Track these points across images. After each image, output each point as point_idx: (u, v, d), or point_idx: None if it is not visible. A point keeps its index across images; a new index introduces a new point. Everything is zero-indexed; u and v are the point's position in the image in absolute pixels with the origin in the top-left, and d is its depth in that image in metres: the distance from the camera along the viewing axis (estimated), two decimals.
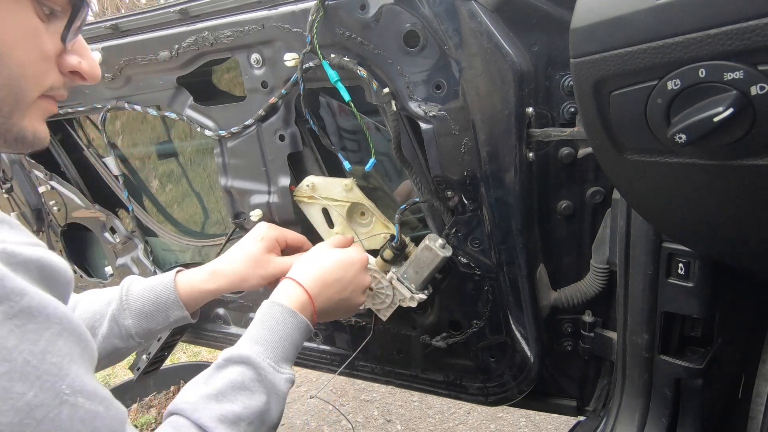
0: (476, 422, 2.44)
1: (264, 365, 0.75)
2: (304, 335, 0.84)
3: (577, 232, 0.92)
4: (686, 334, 0.82)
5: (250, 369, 0.74)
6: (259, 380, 0.73)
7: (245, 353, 0.75)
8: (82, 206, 1.44)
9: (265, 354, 0.76)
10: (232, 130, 1.05)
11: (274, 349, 0.78)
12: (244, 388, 0.72)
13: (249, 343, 0.78)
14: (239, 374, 0.73)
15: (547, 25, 0.79)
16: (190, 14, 0.99)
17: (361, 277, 0.93)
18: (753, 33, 0.43)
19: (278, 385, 0.75)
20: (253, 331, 0.80)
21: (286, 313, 0.82)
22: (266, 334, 0.79)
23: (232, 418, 0.68)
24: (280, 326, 0.81)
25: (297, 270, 0.89)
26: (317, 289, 0.86)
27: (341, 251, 0.93)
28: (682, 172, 0.54)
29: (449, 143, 0.86)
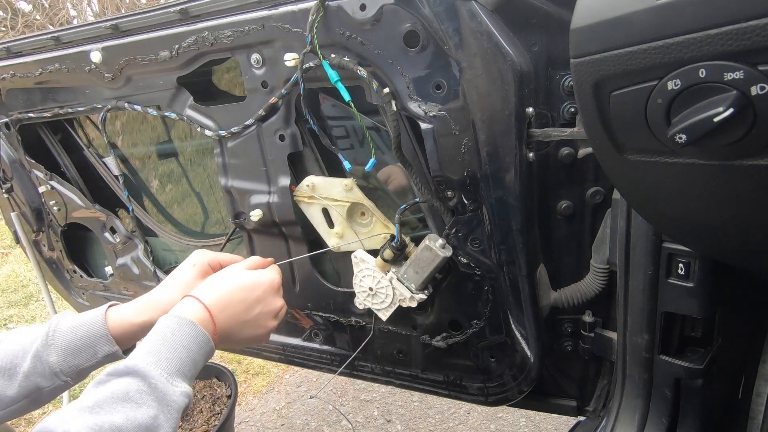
0: (476, 422, 2.44)
1: (154, 374, 0.68)
2: (203, 350, 0.77)
3: (577, 232, 0.92)
4: (686, 334, 0.82)
5: (137, 379, 0.67)
6: (147, 391, 0.67)
7: (132, 363, 0.68)
8: (82, 206, 1.44)
9: (156, 364, 0.69)
10: (232, 130, 1.05)
11: (167, 360, 0.71)
12: (127, 400, 0.65)
13: (138, 354, 0.71)
14: (123, 385, 0.66)
15: (547, 25, 0.79)
16: (190, 14, 0.99)
17: (269, 300, 0.88)
18: (753, 33, 0.43)
19: (171, 396, 0.68)
20: (145, 342, 0.73)
21: (183, 323, 0.76)
22: (159, 345, 0.72)
23: (108, 429, 0.61)
24: (176, 336, 0.74)
25: (200, 288, 0.84)
26: (219, 307, 0.81)
27: (250, 273, 0.89)
28: (682, 172, 0.54)
29: (449, 143, 0.86)
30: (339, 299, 1.15)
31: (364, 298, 1.04)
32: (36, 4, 7.91)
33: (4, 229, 4.93)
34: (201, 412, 2.14)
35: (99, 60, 1.11)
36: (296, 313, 1.23)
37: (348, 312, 1.15)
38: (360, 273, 1.03)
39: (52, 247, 1.62)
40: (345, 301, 1.14)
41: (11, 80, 1.27)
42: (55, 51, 1.18)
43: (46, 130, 1.46)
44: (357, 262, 1.03)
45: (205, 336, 0.78)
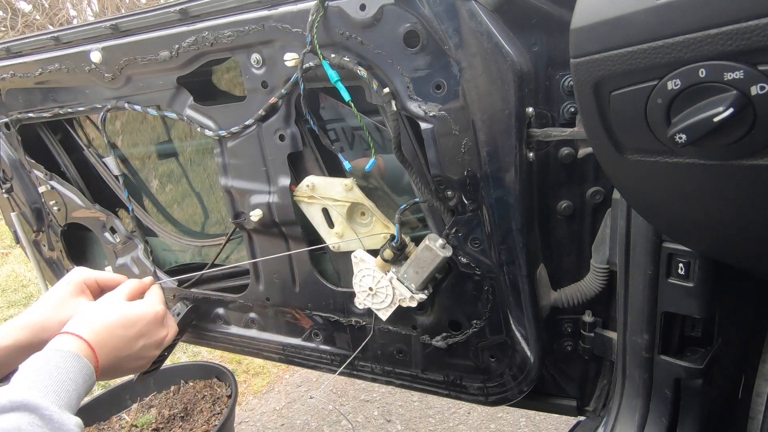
0: (476, 422, 2.44)
1: (47, 406, 0.63)
2: (87, 383, 0.74)
3: (577, 232, 0.92)
4: (686, 334, 0.82)
5: (28, 414, 0.62)
6: (41, 425, 0.62)
7: (17, 397, 0.62)
8: (82, 206, 1.44)
9: (44, 397, 0.65)
10: (232, 130, 1.05)
11: (56, 394, 0.66)
12: None
13: (20, 388, 0.65)
14: (13, 422, 0.60)
15: (547, 25, 0.79)
16: (190, 14, 0.99)
17: (153, 333, 0.85)
18: (753, 33, 0.43)
19: (68, 426, 0.64)
20: (24, 377, 0.67)
21: (67, 356, 0.72)
22: (44, 379, 0.67)
23: None
24: (61, 370, 0.69)
25: (78, 322, 0.79)
26: (99, 342, 0.77)
27: (131, 306, 0.85)
28: (682, 172, 0.54)
29: (449, 143, 0.86)
30: (339, 299, 1.15)
31: (364, 297, 1.04)
32: (36, 4, 7.91)
33: (4, 229, 4.93)
34: (201, 412, 2.14)
35: (99, 60, 1.11)
36: (296, 313, 1.23)
37: (348, 312, 1.15)
38: (360, 273, 1.03)
39: (52, 247, 1.62)
40: (345, 301, 1.14)
41: (11, 80, 1.27)
42: (55, 51, 1.18)
43: (46, 130, 1.46)
44: (357, 261, 1.03)
45: (90, 369, 0.75)
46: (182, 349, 3.27)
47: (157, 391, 2.35)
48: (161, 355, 1.30)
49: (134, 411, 2.34)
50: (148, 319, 0.85)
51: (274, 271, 1.19)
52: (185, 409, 2.19)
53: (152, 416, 2.23)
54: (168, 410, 2.20)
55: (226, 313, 1.35)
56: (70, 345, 0.76)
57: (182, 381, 2.35)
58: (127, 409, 2.31)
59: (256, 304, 1.28)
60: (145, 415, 2.25)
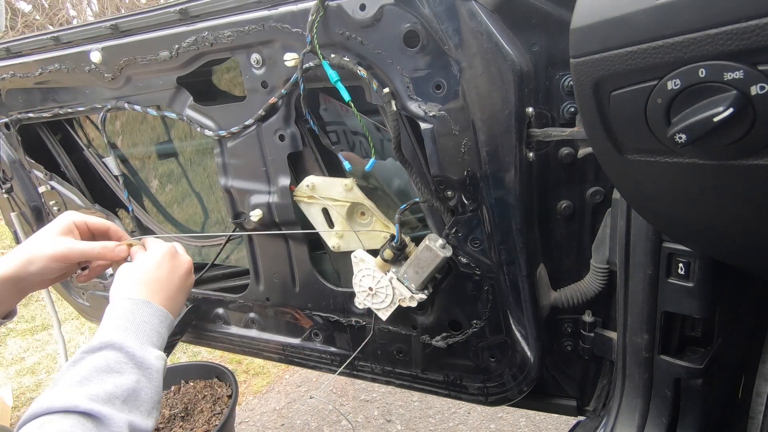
0: (476, 422, 2.44)
1: (129, 344, 0.74)
2: (164, 323, 0.84)
3: (577, 232, 0.92)
4: (686, 334, 0.82)
5: (114, 351, 0.73)
6: (125, 360, 0.73)
7: (105, 339, 0.74)
8: (82, 206, 1.44)
9: (126, 337, 0.76)
10: (232, 130, 1.05)
11: (135, 333, 0.78)
12: (110, 371, 0.71)
13: (106, 331, 0.76)
14: (102, 359, 0.72)
15: (547, 25, 0.79)
16: (190, 14, 0.99)
17: (179, 264, 0.94)
18: (753, 33, 0.43)
19: (148, 360, 0.75)
20: (107, 323, 0.79)
21: (137, 303, 0.82)
22: (123, 323, 0.79)
23: (105, 397, 0.67)
24: (135, 315, 0.81)
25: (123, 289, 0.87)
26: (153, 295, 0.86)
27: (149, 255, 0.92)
28: (682, 172, 0.54)
29: (449, 143, 0.86)
30: (339, 299, 1.15)
31: (364, 297, 1.04)
32: (36, 4, 7.91)
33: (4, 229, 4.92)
34: (202, 412, 2.14)
35: (99, 60, 1.11)
36: (296, 313, 1.23)
37: (348, 312, 1.15)
38: (360, 273, 1.03)
39: None
40: (345, 301, 1.14)
41: (11, 80, 1.27)
42: (55, 51, 1.18)
43: (46, 130, 1.46)
44: (357, 261, 1.02)
45: (161, 310, 0.84)
46: (182, 349, 3.27)
47: None
48: None
49: None
50: (167, 256, 0.94)
51: (274, 271, 1.19)
52: (186, 409, 2.19)
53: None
54: (168, 410, 2.20)
55: (226, 313, 1.35)
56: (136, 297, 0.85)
57: (182, 381, 2.35)
58: None
59: (256, 304, 1.28)
60: None
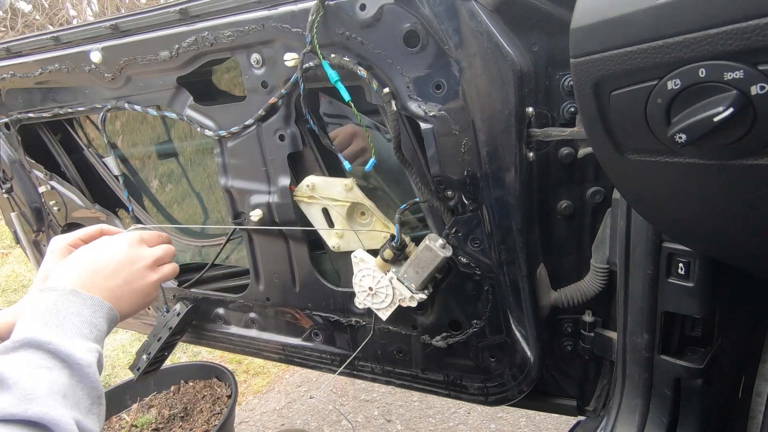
0: (476, 422, 2.44)
1: (48, 338, 0.64)
2: (99, 313, 0.74)
3: (577, 231, 0.92)
4: (686, 333, 0.82)
5: (33, 350, 0.63)
6: (49, 358, 0.63)
7: (19, 337, 0.64)
8: (82, 206, 1.44)
9: (47, 331, 0.66)
10: (232, 130, 1.05)
11: (59, 327, 0.67)
12: (39, 367, 0.62)
13: (23, 327, 0.66)
14: (23, 358, 0.62)
15: (547, 25, 0.79)
16: (190, 14, 0.99)
17: (133, 255, 0.83)
18: (753, 33, 0.43)
19: (76, 354, 0.65)
20: (22, 320, 0.68)
21: (62, 293, 0.72)
22: (43, 316, 0.68)
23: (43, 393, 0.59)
24: (60, 306, 0.70)
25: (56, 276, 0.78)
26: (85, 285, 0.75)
27: (95, 243, 0.85)
28: (682, 172, 0.54)
29: (449, 143, 0.86)
30: (339, 299, 1.15)
31: (364, 297, 1.04)
32: (36, 4, 7.91)
33: (4, 229, 4.93)
34: (201, 412, 2.15)
35: (99, 60, 1.11)
36: (296, 313, 1.23)
37: (348, 312, 1.15)
38: (360, 273, 1.03)
39: None
40: (345, 301, 1.14)
41: (11, 80, 1.27)
42: (55, 51, 1.18)
43: (46, 130, 1.46)
44: (357, 261, 1.02)
45: (95, 299, 0.74)
46: (182, 349, 3.27)
47: (157, 391, 2.35)
48: (161, 355, 1.31)
49: (134, 411, 2.34)
50: (125, 243, 0.84)
51: (274, 271, 1.19)
52: (185, 409, 2.19)
53: (152, 416, 2.23)
54: (168, 410, 2.20)
55: (226, 313, 1.35)
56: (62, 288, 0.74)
57: (182, 381, 2.35)
58: (127, 409, 2.31)
59: (256, 304, 1.28)
60: (145, 415, 2.25)
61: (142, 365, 1.27)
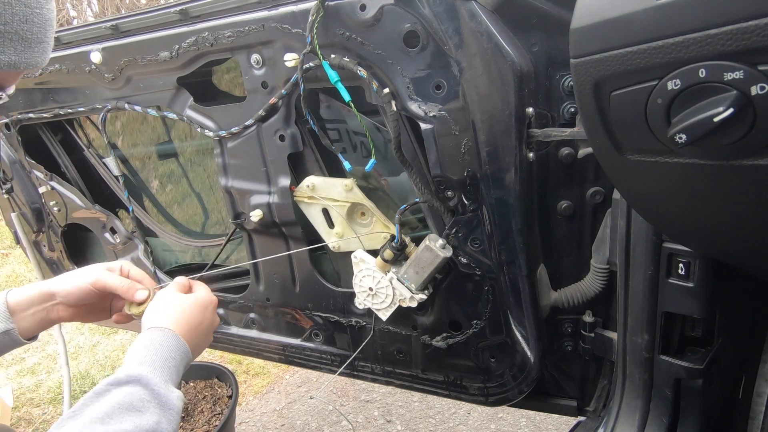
0: (477, 422, 2.44)
1: (156, 382, 0.72)
2: (185, 360, 0.82)
3: (577, 232, 0.92)
4: (686, 334, 0.82)
5: (139, 387, 0.71)
6: (149, 399, 0.70)
7: (132, 373, 0.72)
8: (83, 207, 1.44)
9: (152, 372, 0.73)
10: (232, 131, 1.05)
11: (161, 369, 0.75)
12: (132, 409, 0.68)
13: (133, 363, 0.75)
14: (126, 395, 0.69)
15: (547, 25, 0.79)
16: (191, 15, 0.99)
17: (212, 315, 0.92)
18: (753, 33, 0.43)
19: (170, 401, 0.72)
20: (135, 352, 0.77)
21: (168, 335, 0.80)
22: (152, 355, 0.77)
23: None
24: (164, 347, 0.78)
25: (157, 317, 0.85)
26: (184, 330, 0.84)
27: (195, 296, 0.91)
28: (682, 172, 0.54)
29: (449, 143, 0.86)
30: (339, 299, 1.15)
31: (364, 298, 1.04)
32: None
33: (5, 229, 4.93)
34: (202, 413, 2.14)
35: (99, 60, 1.11)
36: (296, 314, 1.23)
37: (348, 312, 1.15)
38: (360, 273, 1.03)
39: (52, 248, 1.62)
40: (345, 302, 1.14)
41: None
42: (55, 51, 1.18)
43: (46, 130, 1.46)
44: (357, 262, 1.02)
45: (186, 347, 0.82)
46: None
47: None
48: None
49: None
50: (212, 305, 0.93)
51: (275, 271, 1.19)
52: (186, 409, 2.19)
53: None
54: None
55: (227, 313, 1.35)
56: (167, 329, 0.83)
57: (183, 381, 2.35)
58: None
59: (256, 305, 1.28)
60: None
61: None
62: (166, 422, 0.70)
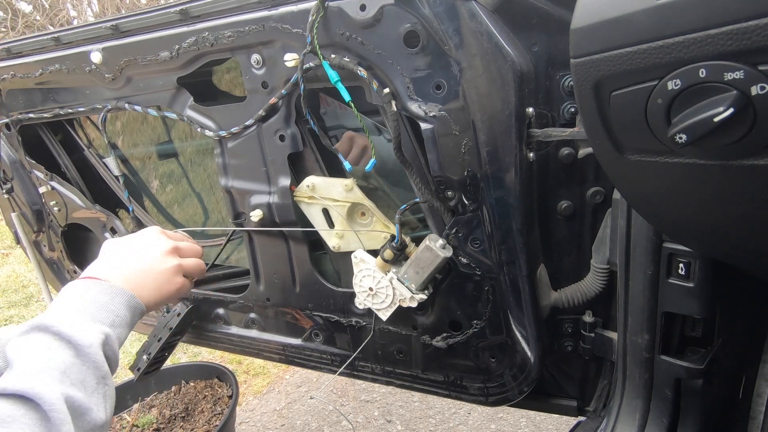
0: (477, 422, 2.44)
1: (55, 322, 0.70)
2: (116, 300, 0.79)
3: (577, 232, 0.92)
4: (687, 334, 0.82)
5: (41, 332, 0.70)
6: (54, 340, 0.69)
7: (33, 323, 0.71)
8: (83, 206, 1.44)
9: (59, 318, 0.72)
10: (232, 131, 1.05)
11: (78, 312, 0.74)
12: (41, 349, 0.67)
13: (38, 317, 0.74)
14: (29, 341, 0.68)
15: (547, 25, 0.79)
16: (191, 14, 0.99)
17: (155, 241, 0.88)
18: (753, 33, 0.43)
19: (80, 336, 0.70)
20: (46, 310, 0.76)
21: (84, 283, 0.79)
22: (61, 305, 0.75)
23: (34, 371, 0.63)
24: (82, 294, 0.77)
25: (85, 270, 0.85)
26: (105, 271, 0.82)
27: (123, 237, 0.91)
28: (682, 172, 0.54)
29: (449, 143, 0.86)
30: (339, 299, 1.15)
31: (364, 298, 1.04)
32: (36, 4, 7.91)
33: (5, 229, 4.93)
34: (202, 412, 2.15)
35: (99, 60, 1.11)
36: (296, 313, 1.23)
37: (348, 312, 1.15)
38: (360, 273, 1.03)
39: (52, 248, 1.62)
40: (345, 302, 1.14)
41: (11, 81, 1.27)
42: (56, 51, 1.18)
43: (47, 130, 1.46)
44: (357, 262, 1.03)
45: (111, 286, 0.79)
46: (183, 350, 3.27)
47: (158, 391, 2.35)
48: (161, 356, 1.30)
49: (135, 411, 2.34)
50: (144, 234, 0.89)
51: (275, 271, 1.19)
52: (186, 409, 2.19)
53: (153, 416, 2.23)
54: (169, 410, 2.20)
55: (227, 313, 1.35)
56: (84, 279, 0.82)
57: (183, 381, 2.35)
58: (129, 409, 2.31)
59: (256, 305, 1.28)
60: (146, 415, 2.25)
61: (142, 365, 1.27)
62: (82, 357, 0.69)
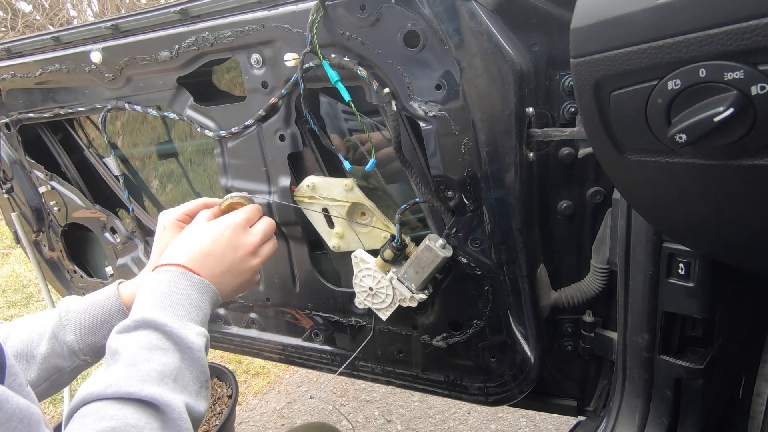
0: (477, 422, 2.44)
1: (165, 321, 0.68)
2: (205, 295, 0.77)
3: (577, 232, 0.92)
4: (687, 334, 0.82)
5: (151, 330, 0.68)
6: (164, 339, 0.67)
7: (138, 317, 0.68)
8: (83, 206, 1.44)
9: (162, 314, 0.70)
10: (232, 131, 1.05)
11: (172, 309, 0.71)
12: (154, 348, 0.66)
13: (141, 309, 0.71)
14: (143, 337, 0.66)
15: (547, 25, 0.79)
16: (191, 14, 0.99)
17: (239, 241, 0.85)
18: (753, 33, 0.43)
19: (188, 338, 0.69)
20: (141, 300, 0.73)
21: (174, 274, 0.75)
22: (158, 298, 0.72)
23: (156, 377, 0.62)
24: (173, 288, 0.74)
25: (170, 253, 0.81)
26: (195, 263, 0.79)
27: (211, 223, 0.86)
28: (682, 172, 0.54)
29: (449, 143, 0.86)
30: (339, 299, 1.15)
31: (364, 298, 1.04)
32: (36, 4, 7.91)
33: (5, 229, 4.93)
34: None
35: (99, 60, 1.11)
36: (296, 313, 1.23)
37: (348, 312, 1.15)
38: (360, 273, 1.03)
39: (52, 248, 1.62)
40: (345, 301, 1.14)
41: (11, 80, 1.27)
42: (56, 51, 1.18)
43: (47, 130, 1.46)
44: (357, 261, 1.03)
45: (202, 282, 0.77)
46: None
47: None
48: None
49: None
50: (232, 227, 0.86)
51: (275, 271, 1.19)
52: None
53: None
54: None
55: (227, 313, 1.35)
56: (174, 268, 0.78)
57: None
58: None
59: (256, 305, 1.28)
60: None
61: None
62: (188, 360, 0.68)
